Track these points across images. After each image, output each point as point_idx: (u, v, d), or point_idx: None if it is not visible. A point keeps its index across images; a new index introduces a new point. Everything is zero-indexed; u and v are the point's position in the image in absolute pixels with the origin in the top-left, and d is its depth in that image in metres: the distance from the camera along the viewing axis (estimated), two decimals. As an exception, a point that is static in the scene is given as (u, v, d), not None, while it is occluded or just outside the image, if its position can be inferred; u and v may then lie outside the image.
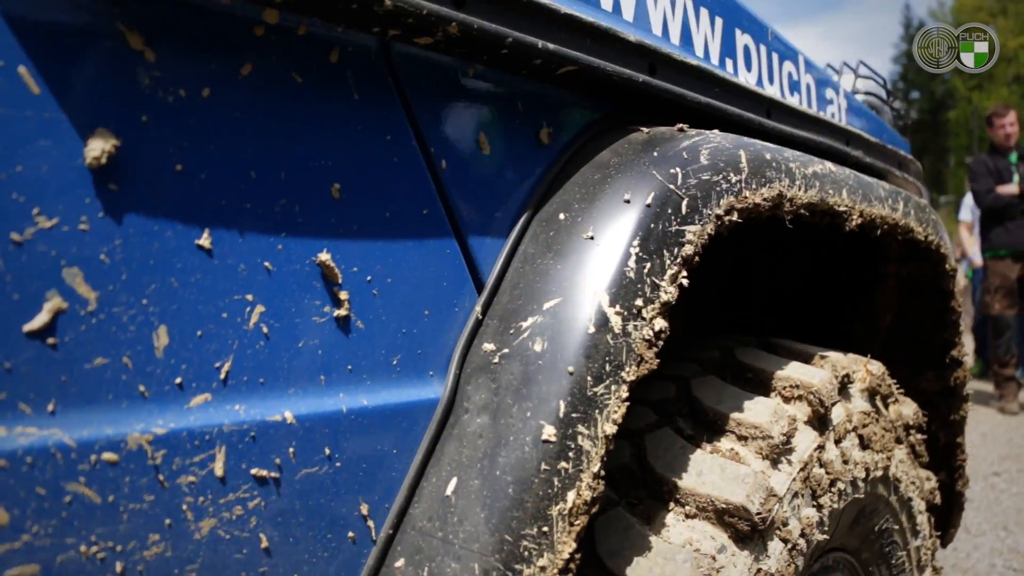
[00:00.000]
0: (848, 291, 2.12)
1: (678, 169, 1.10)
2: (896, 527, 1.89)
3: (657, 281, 1.04)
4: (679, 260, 1.06)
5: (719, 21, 1.52)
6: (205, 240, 0.79)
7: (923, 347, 2.16)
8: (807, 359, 1.60)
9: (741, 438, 1.37)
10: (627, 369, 1.00)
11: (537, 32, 1.00)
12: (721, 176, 1.15)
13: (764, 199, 1.20)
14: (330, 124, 0.90)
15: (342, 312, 0.90)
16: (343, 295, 0.90)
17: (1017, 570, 4.22)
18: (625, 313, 1.01)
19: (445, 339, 1.02)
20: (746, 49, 1.60)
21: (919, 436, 1.92)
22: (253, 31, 0.84)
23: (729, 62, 1.54)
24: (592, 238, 1.05)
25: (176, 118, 0.78)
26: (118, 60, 0.74)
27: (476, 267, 1.05)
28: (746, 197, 1.17)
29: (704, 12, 1.47)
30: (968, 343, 10.61)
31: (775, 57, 1.71)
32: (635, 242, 1.04)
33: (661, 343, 1.04)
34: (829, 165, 1.47)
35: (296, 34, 0.87)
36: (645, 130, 1.20)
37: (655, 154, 1.12)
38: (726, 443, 1.37)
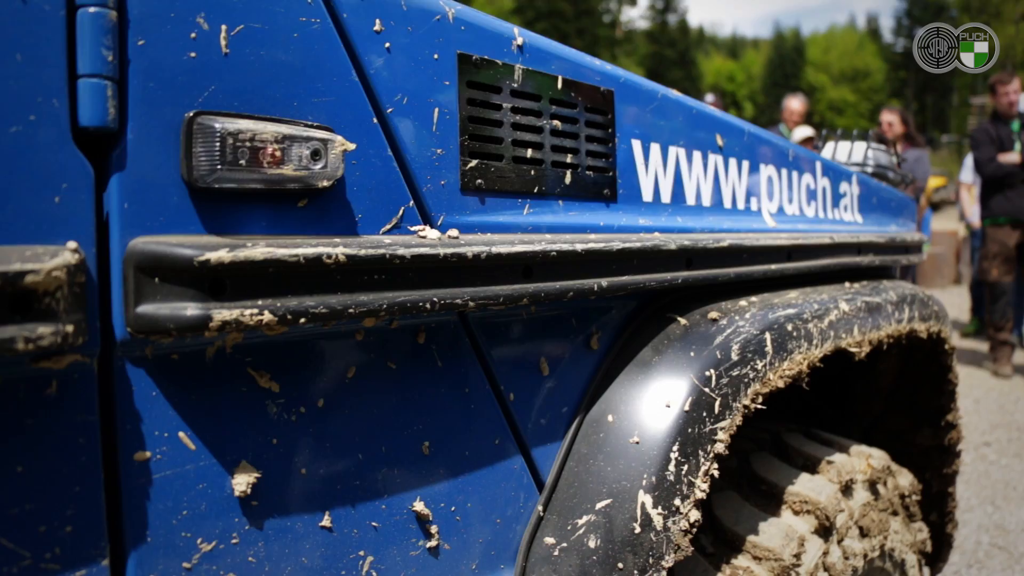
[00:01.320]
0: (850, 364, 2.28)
1: (712, 371, 1.26)
2: (890, 588, 2.08)
3: (693, 479, 1.21)
4: (711, 456, 1.23)
5: (745, 165, 1.65)
6: (327, 521, 0.97)
7: (921, 407, 2.33)
8: (814, 464, 1.77)
9: (756, 558, 1.55)
10: (666, 558, 1.18)
11: (592, 273, 1.15)
12: (749, 367, 1.31)
13: (786, 376, 1.36)
14: (420, 394, 1.07)
15: (433, 543, 1.08)
16: (433, 529, 1.08)
17: (1002, 547, 4.41)
18: (666, 512, 1.18)
19: (513, 535, 1.20)
20: (769, 181, 1.73)
21: (914, 499, 2.10)
22: (355, 337, 1.00)
23: (754, 200, 1.68)
24: (638, 443, 1.21)
25: (298, 432, 0.95)
26: (252, 399, 0.91)
27: (537, 470, 1.22)
28: (770, 380, 1.33)
29: (732, 163, 1.61)
30: (965, 301, 10.78)
31: (795, 176, 1.84)
32: (675, 447, 1.21)
33: (695, 530, 1.21)
34: (843, 306, 1.63)
35: (389, 329, 1.03)
36: (681, 321, 1.36)
37: (691, 354, 1.28)
38: (743, 561, 1.55)
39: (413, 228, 1.00)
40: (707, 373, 1.27)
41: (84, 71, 0.76)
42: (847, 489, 1.77)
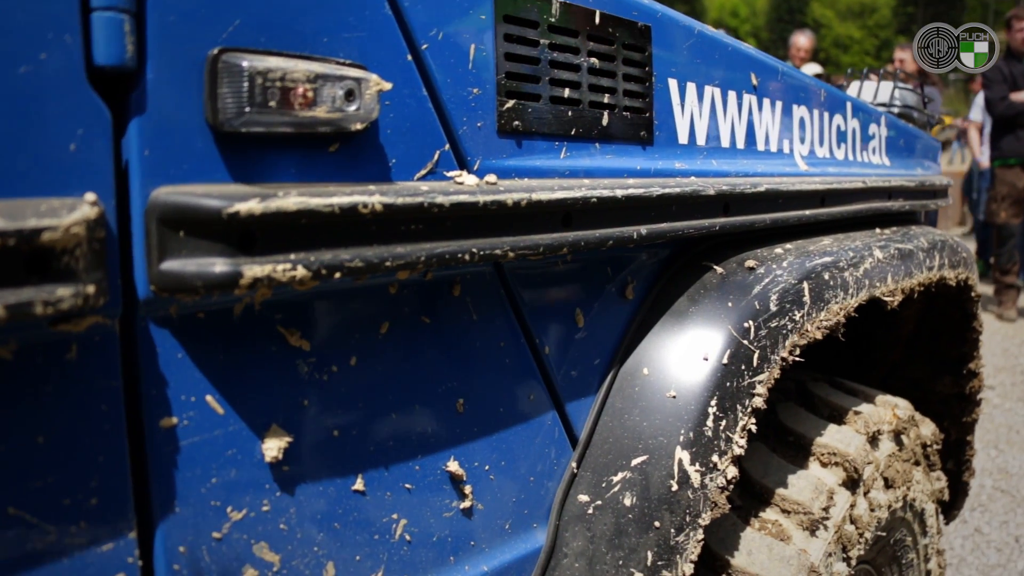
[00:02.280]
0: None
1: (750, 322, 1.21)
2: (909, 537, 2.06)
3: (731, 435, 1.16)
4: (750, 411, 1.19)
5: (779, 106, 1.58)
6: (359, 484, 0.92)
7: (942, 354, 2.29)
8: (841, 414, 1.73)
9: (785, 511, 1.52)
10: (703, 516, 1.14)
11: (632, 221, 1.10)
12: (787, 318, 1.26)
13: (824, 327, 1.31)
14: (455, 349, 1.01)
15: (467, 504, 1.04)
16: (467, 489, 1.03)
17: (1004, 490, 4.44)
18: (704, 469, 1.14)
19: (546, 492, 1.16)
20: (801, 123, 1.67)
21: (935, 448, 2.07)
22: (388, 291, 0.94)
23: (786, 143, 1.61)
24: (674, 397, 1.17)
25: (330, 392, 0.90)
26: (282, 359, 0.86)
27: (571, 425, 1.18)
28: (808, 331, 1.28)
29: (766, 103, 1.54)
30: (970, 243, 10.74)
31: (826, 117, 1.77)
32: (713, 401, 1.16)
33: (732, 487, 1.17)
34: (877, 253, 1.58)
35: (424, 281, 0.97)
36: (717, 269, 1.30)
37: (729, 305, 1.23)
38: (772, 514, 1.52)
39: (449, 174, 0.94)
40: (745, 324, 1.21)
41: (98, 4, 0.69)
42: (874, 440, 1.74)
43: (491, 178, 0.95)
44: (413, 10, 0.89)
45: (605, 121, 1.14)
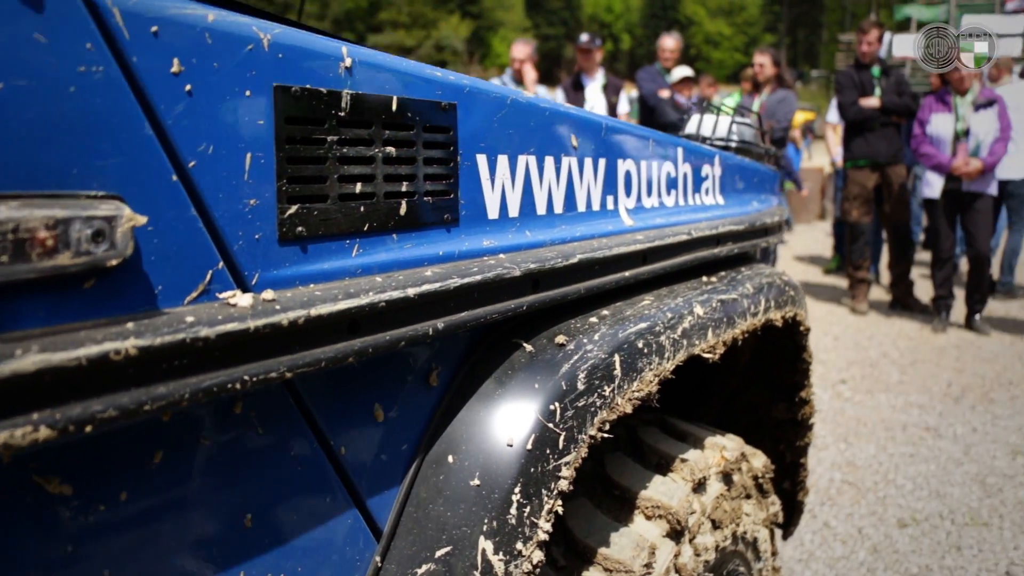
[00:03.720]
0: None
1: (556, 405, 1.21)
2: (743, 566, 2.11)
3: (536, 520, 1.16)
4: (556, 493, 1.19)
5: (602, 163, 1.59)
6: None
7: (777, 382, 2.36)
8: (668, 463, 1.76)
9: (607, 571, 1.53)
10: (509, 603, 1.13)
11: (428, 316, 1.08)
12: (596, 395, 1.26)
13: (635, 398, 1.32)
14: (239, 466, 0.97)
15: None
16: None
17: (851, 483, 4.63)
18: (507, 558, 1.13)
19: (348, 589, 1.13)
20: (627, 176, 1.68)
21: (768, 477, 2.13)
22: (162, 419, 0.89)
23: (610, 199, 1.62)
24: (479, 485, 1.16)
25: (99, 534, 0.85)
26: (40, 509, 0.80)
27: (374, 519, 1.15)
28: (618, 405, 1.29)
29: (588, 163, 1.54)
30: (829, 237, 11.16)
31: (655, 166, 1.79)
32: (517, 488, 1.15)
33: (538, 571, 1.17)
34: (698, 309, 1.60)
35: (199, 405, 0.93)
36: (527, 347, 1.30)
37: (536, 386, 1.23)
38: (594, 574, 1.53)
39: (222, 295, 0.89)
40: (551, 407, 1.21)
41: None
42: (700, 486, 1.77)
43: (268, 294, 0.91)
44: (178, 127, 0.84)
45: (403, 210, 1.12)
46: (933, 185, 7.46)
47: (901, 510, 4.32)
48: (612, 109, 9.13)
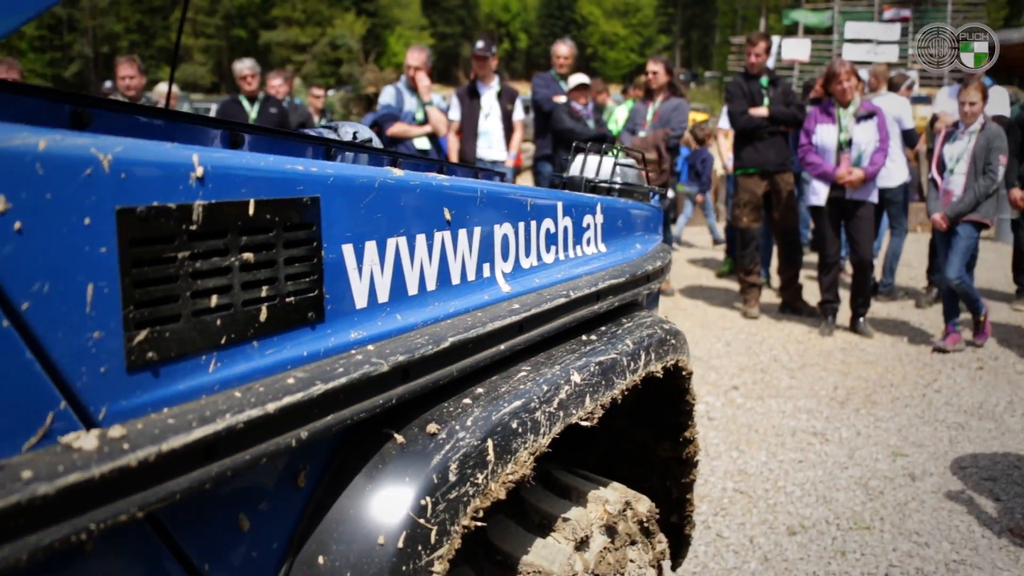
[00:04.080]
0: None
1: (427, 499, 1.20)
2: (629, 611, 2.14)
3: (409, 619, 1.15)
4: (429, 590, 1.18)
5: (477, 232, 1.58)
6: None
7: (662, 421, 2.40)
8: (551, 523, 1.77)
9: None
10: None
11: (290, 427, 1.05)
12: (469, 484, 1.26)
13: (509, 481, 1.32)
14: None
15: None
16: None
17: (743, 492, 4.75)
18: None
19: None
20: (504, 240, 1.68)
21: (654, 519, 2.16)
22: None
23: (487, 267, 1.62)
24: (350, 589, 1.14)
25: None
26: None
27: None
28: (491, 491, 1.29)
29: (462, 234, 1.54)
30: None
31: (533, 226, 1.80)
32: (389, 591, 1.14)
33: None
34: (575, 377, 1.61)
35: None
36: (397, 438, 1.28)
37: (406, 480, 1.22)
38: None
39: (64, 439, 0.85)
40: (422, 502, 1.20)
41: None
42: (583, 544, 1.79)
43: (116, 430, 0.87)
44: (7, 270, 0.80)
45: (264, 316, 1.09)
46: (819, 193, 7.69)
47: (790, 517, 4.44)
48: (508, 116, 9.17)
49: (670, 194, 8.79)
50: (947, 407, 6.12)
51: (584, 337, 1.87)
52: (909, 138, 8.97)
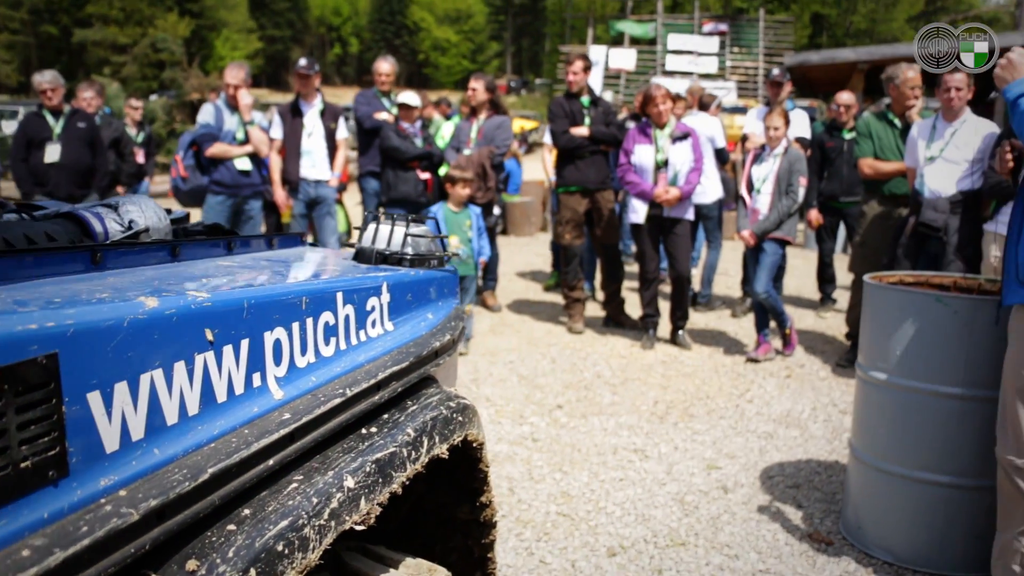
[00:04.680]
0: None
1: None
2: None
3: None
4: None
5: (244, 344, 1.59)
6: None
7: (459, 485, 2.46)
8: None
9: None
10: None
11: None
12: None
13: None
14: None
15: None
16: None
17: (566, 515, 4.87)
18: None
19: None
20: (276, 345, 1.69)
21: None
22: None
23: (257, 376, 1.62)
24: None
25: None
26: None
27: None
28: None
29: (228, 351, 1.54)
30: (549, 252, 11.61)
31: (309, 324, 1.81)
32: None
33: None
34: (348, 482, 1.64)
35: None
36: (155, 580, 1.28)
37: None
38: None
39: None
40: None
41: None
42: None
43: None
44: None
45: (-7, 489, 1.07)
46: (638, 211, 7.99)
47: (611, 538, 4.59)
48: (331, 135, 9.10)
49: (496, 210, 8.92)
50: (758, 417, 6.46)
51: (364, 431, 1.90)
52: (721, 156, 9.44)
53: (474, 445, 2.25)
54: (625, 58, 31.73)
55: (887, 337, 4.34)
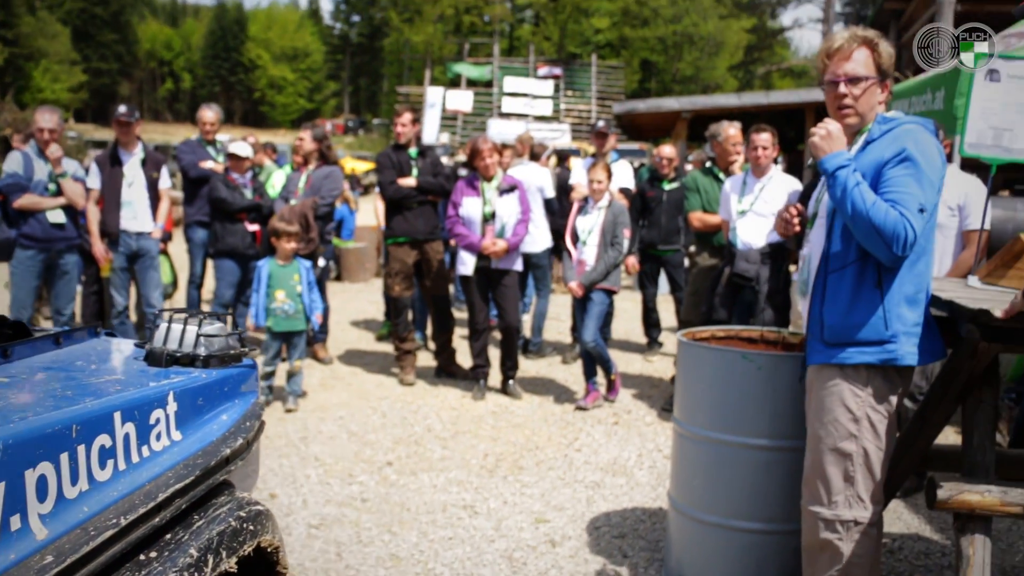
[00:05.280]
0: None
1: None
2: None
3: None
4: None
5: (1, 488, 1.51)
6: None
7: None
8: None
9: None
10: None
11: None
12: None
13: None
14: None
15: None
16: None
17: (396, 580, 4.81)
18: None
19: None
20: (40, 483, 1.61)
21: None
22: None
23: (15, 519, 1.55)
24: None
25: None
26: None
27: None
28: None
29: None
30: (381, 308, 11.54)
31: (81, 452, 1.74)
32: None
33: None
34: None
35: None
36: None
37: None
38: None
39: None
40: None
41: None
42: None
43: None
44: None
45: None
46: (467, 263, 8.07)
47: (438, 603, 4.56)
48: (153, 184, 8.82)
49: (321, 262, 8.82)
50: (586, 466, 6.57)
51: (143, 556, 1.84)
52: (550, 206, 9.66)
53: (269, 551, 2.21)
54: (462, 100, 32.26)
55: (699, 392, 4.52)
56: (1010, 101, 4.59)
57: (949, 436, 6.46)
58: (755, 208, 6.96)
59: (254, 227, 9.00)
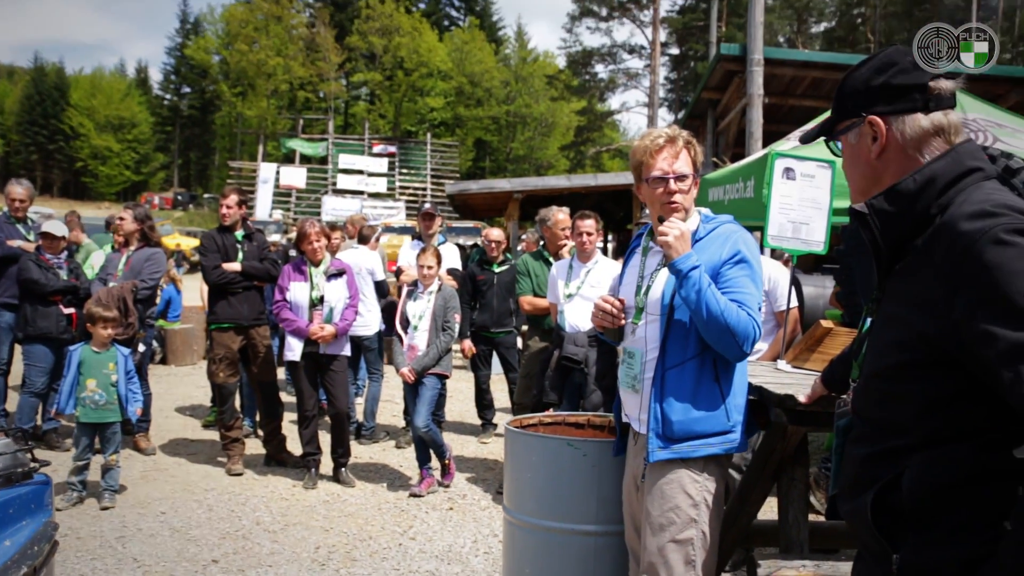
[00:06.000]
0: None
1: None
2: None
3: None
4: None
5: None
6: None
7: None
8: None
9: None
10: None
11: None
12: None
13: None
14: None
15: None
16: None
17: None
18: None
19: None
20: None
21: None
22: None
23: None
24: None
25: None
26: None
27: None
28: None
29: None
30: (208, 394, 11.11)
31: None
32: None
33: None
34: None
35: None
36: None
37: None
38: None
39: None
40: None
41: None
42: None
43: None
44: None
45: None
46: (294, 349, 7.85)
47: None
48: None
49: (141, 347, 8.40)
50: (421, 555, 6.40)
51: None
52: (381, 289, 9.58)
53: None
54: (296, 176, 31.96)
55: (527, 480, 4.49)
56: (804, 197, 4.98)
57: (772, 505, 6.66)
58: (582, 292, 7.11)
59: (70, 310, 8.51)
